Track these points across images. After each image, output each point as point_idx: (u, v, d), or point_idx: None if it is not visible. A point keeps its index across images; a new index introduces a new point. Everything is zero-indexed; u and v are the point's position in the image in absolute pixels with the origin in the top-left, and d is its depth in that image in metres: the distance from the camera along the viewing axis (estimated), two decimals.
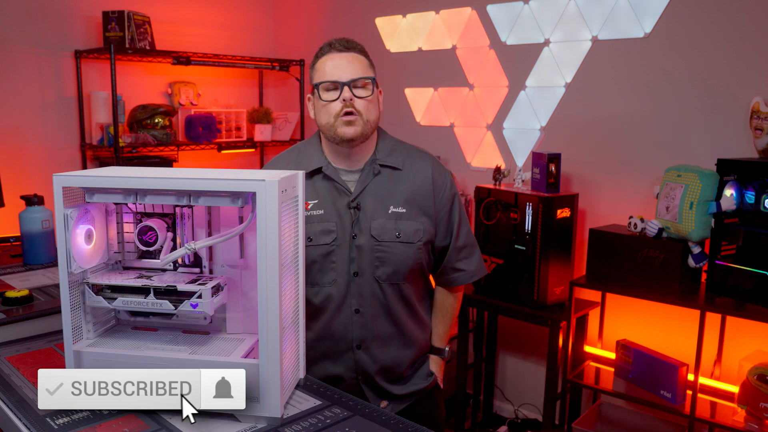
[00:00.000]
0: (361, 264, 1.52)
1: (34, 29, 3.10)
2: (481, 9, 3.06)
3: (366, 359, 1.57)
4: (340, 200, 1.53)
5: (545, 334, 2.58)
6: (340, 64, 1.49)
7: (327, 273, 1.53)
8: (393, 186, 1.54)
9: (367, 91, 1.48)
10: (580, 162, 2.75)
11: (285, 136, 3.88)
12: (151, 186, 1.17)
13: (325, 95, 1.50)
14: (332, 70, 1.49)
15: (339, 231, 1.52)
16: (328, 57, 1.51)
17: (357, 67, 1.49)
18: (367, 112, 1.48)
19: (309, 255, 1.51)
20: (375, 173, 1.54)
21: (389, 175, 1.55)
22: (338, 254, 1.52)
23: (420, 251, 1.54)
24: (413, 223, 1.52)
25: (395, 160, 1.55)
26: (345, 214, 1.52)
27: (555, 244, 2.50)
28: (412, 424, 1.21)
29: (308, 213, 1.52)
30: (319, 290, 1.54)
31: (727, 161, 2.10)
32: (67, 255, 1.16)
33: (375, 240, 1.51)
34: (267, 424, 1.16)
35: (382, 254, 1.51)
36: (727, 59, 2.34)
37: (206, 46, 3.65)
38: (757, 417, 2.04)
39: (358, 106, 1.47)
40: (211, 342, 1.28)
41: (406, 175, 1.55)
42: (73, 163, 3.28)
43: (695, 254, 2.20)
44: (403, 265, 1.53)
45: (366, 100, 1.48)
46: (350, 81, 1.47)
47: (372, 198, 1.53)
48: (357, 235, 1.51)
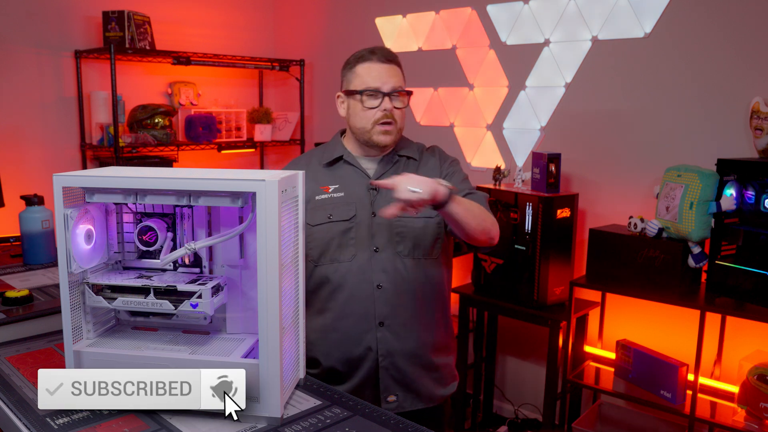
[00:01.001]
0: (381, 240, 1.57)
1: (34, 29, 3.10)
2: (481, 9, 3.06)
3: (390, 338, 1.57)
4: (360, 183, 1.62)
5: (545, 334, 2.58)
6: (382, 74, 1.57)
7: (346, 249, 1.58)
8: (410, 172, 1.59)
9: (404, 103, 1.60)
10: (580, 162, 2.75)
11: (285, 136, 3.88)
12: (151, 186, 1.17)
13: (367, 102, 1.58)
14: (375, 79, 1.57)
15: (359, 210, 1.59)
16: (371, 65, 1.59)
17: (397, 79, 1.59)
18: (401, 121, 1.60)
19: (328, 232, 1.58)
20: (394, 162, 1.65)
21: (405, 163, 1.66)
22: (358, 231, 1.58)
23: (440, 226, 1.59)
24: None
25: (411, 152, 1.68)
26: (365, 196, 1.61)
27: (555, 244, 2.50)
28: (412, 424, 1.21)
29: (328, 196, 1.62)
30: (338, 266, 1.58)
31: (727, 161, 2.10)
32: (67, 255, 1.16)
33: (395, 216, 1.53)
34: (267, 424, 1.16)
35: (403, 229, 1.57)
36: (727, 59, 2.34)
37: (206, 46, 3.65)
38: (757, 417, 2.04)
39: (395, 115, 1.58)
40: (211, 342, 1.28)
41: (420, 165, 1.66)
42: (73, 163, 3.28)
43: (695, 254, 2.20)
44: (423, 239, 1.58)
45: (401, 110, 1.60)
46: (391, 92, 1.57)
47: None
48: (376, 213, 1.57)
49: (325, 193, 1.62)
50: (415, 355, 1.60)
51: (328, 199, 1.61)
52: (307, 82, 3.91)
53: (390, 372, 1.58)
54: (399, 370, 1.59)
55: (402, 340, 1.58)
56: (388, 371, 1.58)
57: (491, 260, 2.69)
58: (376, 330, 1.57)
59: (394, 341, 1.57)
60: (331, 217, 1.59)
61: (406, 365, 1.59)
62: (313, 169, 1.67)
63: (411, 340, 1.59)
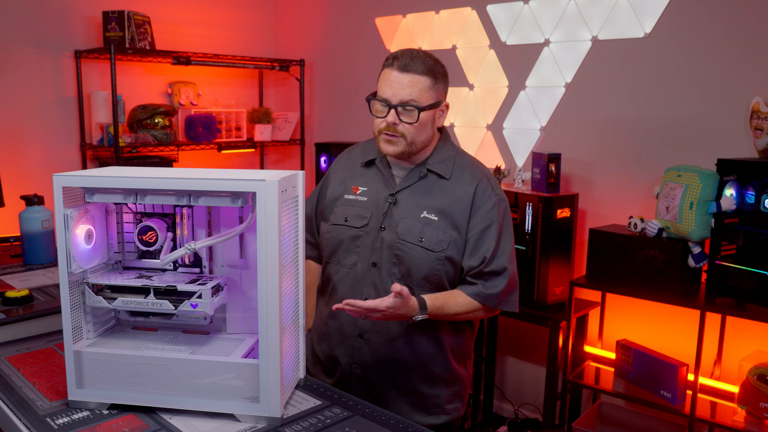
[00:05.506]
0: (380, 256, 1.53)
1: (34, 29, 3.10)
2: (481, 9, 3.06)
3: (366, 351, 1.56)
4: (384, 191, 1.57)
5: (545, 334, 2.58)
6: (394, 84, 1.47)
7: (350, 255, 1.57)
8: (434, 192, 1.54)
9: (412, 118, 1.47)
10: (580, 162, 2.75)
11: (285, 136, 3.88)
12: (151, 186, 1.17)
13: (375, 110, 1.52)
14: (387, 88, 1.48)
15: (372, 219, 1.56)
16: (390, 72, 1.49)
17: (411, 91, 1.46)
18: (411, 135, 1.48)
19: (340, 235, 1.58)
20: (421, 176, 1.55)
21: (434, 181, 1.55)
22: (364, 240, 1.55)
23: (440, 262, 1.50)
24: (440, 233, 1.51)
25: (444, 169, 1.55)
26: (383, 206, 1.56)
27: (555, 244, 2.50)
28: (412, 424, 1.21)
29: (354, 197, 1.60)
30: (340, 269, 1.58)
31: (727, 161, 2.10)
32: (67, 255, 1.16)
33: (398, 237, 1.52)
34: (267, 424, 1.16)
35: (401, 253, 1.51)
36: (727, 59, 2.34)
37: (206, 46, 3.65)
38: (757, 417, 2.04)
39: (402, 129, 1.48)
40: (211, 342, 1.28)
41: (450, 185, 1.54)
42: (73, 163, 3.28)
43: (695, 254, 2.20)
44: (417, 269, 1.51)
45: (412, 126, 1.47)
46: (398, 105, 1.47)
47: (411, 197, 1.55)
48: (385, 227, 1.54)
49: (354, 194, 1.60)
50: (390, 374, 1.56)
51: (353, 200, 1.59)
52: (307, 82, 3.91)
53: (362, 382, 1.58)
54: (371, 383, 1.57)
55: (378, 357, 1.55)
56: (361, 381, 1.58)
57: None
58: (355, 340, 1.56)
59: (369, 355, 1.55)
60: (347, 220, 1.58)
61: (379, 381, 1.57)
62: (352, 165, 1.66)
63: (388, 360, 1.55)
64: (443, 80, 1.52)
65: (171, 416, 1.18)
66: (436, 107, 1.51)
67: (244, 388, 1.16)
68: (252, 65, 3.74)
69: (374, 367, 1.56)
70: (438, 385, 1.59)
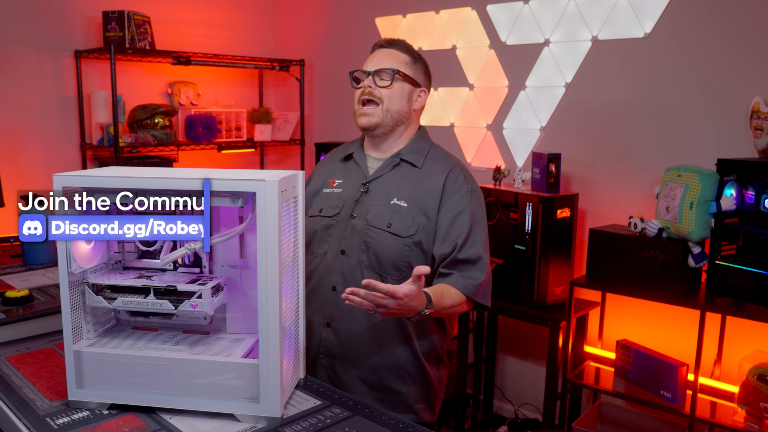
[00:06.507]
0: (350, 243, 1.54)
1: (34, 29, 3.10)
2: (481, 9, 3.06)
3: (333, 340, 1.55)
4: (357, 181, 1.61)
5: (545, 334, 2.58)
6: (375, 57, 1.58)
7: (322, 245, 1.58)
8: (405, 181, 1.57)
9: (386, 81, 1.54)
10: (580, 162, 2.75)
11: (285, 136, 3.88)
12: (151, 186, 1.17)
13: (355, 83, 1.60)
14: (368, 62, 1.58)
15: (344, 208, 1.58)
16: (372, 54, 1.60)
17: (388, 60, 1.56)
18: (388, 100, 1.55)
19: (314, 225, 1.60)
20: (394, 165, 1.60)
21: (407, 170, 1.59)
22: (335, 229, 1.57)
23: (408, 248, 1.51)
24: (408, 219, 1.52)
25: (416, 158, 1.60)
26: (356, 194, 1.59)
27: (555, 244, 2.50)
28: (411, 424, 1.21)
29: (330, 190, 1.64)
30: (313, 259, 1.59)
31: (727, 161, 2.10)
32: (67, 255, 1.16)
33: (367, 224, 1.54)
34: (267, 424, 1.16)
35: (369, 239, 1.52)
36: (727, 59, 2.34)
37: (206, 46, 3.65)
38: (757, 417, 2.04)
39: (378, 93, 1.55)
40: (211, 342, 1.28)
41: (422, 174, 1.58)
42: (73, 163, 3.28)
43: (695, 254, 2.20)
44: (386, 256, 1.51)
45: (387, 89, 1.55)
46: (374, 71, 1.55)
47: (382, 186, 1.58)
48: (356, 215, 1.56)
49: (330, 187, 1.64)
50: (357, 366, 1.54)
51: (329, 193, 1.63)
52: (307, 82, 3.91)
53: (328, 372, 1.57)
54: (336, 374, 1.56)
55: (344, 347, 1.54)
56: (326, 371, 1.57)
57: (491, 260, 2.68)
58: (323, 329, 1.56)
59: (337, 345, 1.55)
60: (321, 211, 1.61)
61: (344, 373, 1.55)
62: (332, 161, 1.71)
63: (354, 351, 1.53)
64: (423, 68, 1.62)
65: (171, 416, 1.18)
66: (414, 84, 1.58)
67: (244, 388, 1.16)
68: (252, 65, 3.74)
69: (340, 358, 1.55)
70: (405, 382, 1.56)
